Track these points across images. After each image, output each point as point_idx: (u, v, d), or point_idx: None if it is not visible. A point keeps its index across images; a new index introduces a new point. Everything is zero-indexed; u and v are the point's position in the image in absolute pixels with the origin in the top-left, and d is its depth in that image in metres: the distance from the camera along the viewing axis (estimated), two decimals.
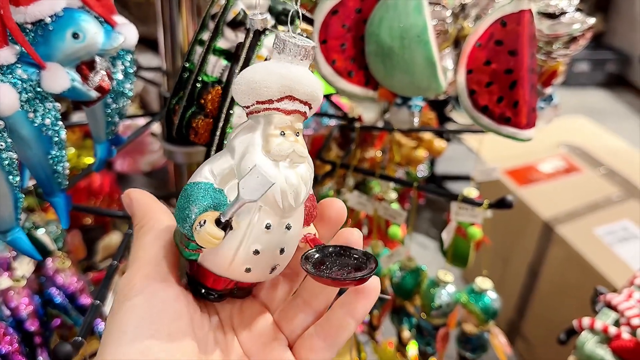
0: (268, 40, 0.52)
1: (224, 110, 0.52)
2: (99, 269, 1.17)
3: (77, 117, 1.10)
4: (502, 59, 0.59)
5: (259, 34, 0.51)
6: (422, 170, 1.21)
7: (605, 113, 3.62)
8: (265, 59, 0.52)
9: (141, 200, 0.42)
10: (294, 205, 0.35)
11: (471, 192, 0.95)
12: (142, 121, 1.05)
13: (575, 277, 1.73)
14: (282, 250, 0.37)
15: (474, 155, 2.37)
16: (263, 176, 0.33)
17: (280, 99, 0.35)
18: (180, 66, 0.90)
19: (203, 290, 0.38)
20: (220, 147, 0.52)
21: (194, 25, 0.89)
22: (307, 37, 0.60)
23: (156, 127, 1.21)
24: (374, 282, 0.37)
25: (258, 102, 0.35)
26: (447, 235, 0.77)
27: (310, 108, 0.37)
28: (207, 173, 0.35)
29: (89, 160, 1.05)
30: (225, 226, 0.33)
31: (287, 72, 0.35)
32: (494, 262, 2.05)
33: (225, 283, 0.37)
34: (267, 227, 0.35)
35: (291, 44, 0.36)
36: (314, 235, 0.39)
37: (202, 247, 0.34)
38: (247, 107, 0.36)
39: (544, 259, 1.87)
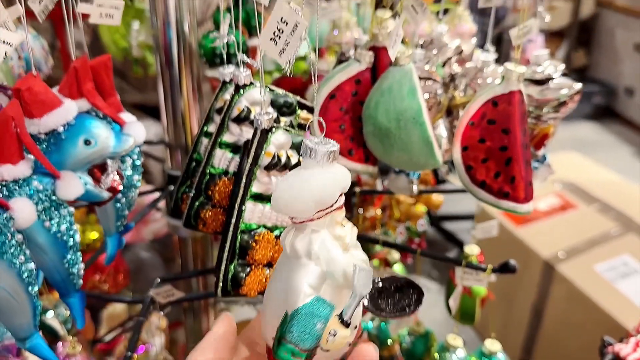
0: (275, 137, 0.54)
1: (236, 206, 0.54)
2: (104, 341, 1.16)
3: None
4: (495, 137, 0.62)
5: (266, 132, 0.53)
6: (422, 225, 1.22)
7: (595, 144, 3.67)
8: (274, 155, 0.54)
9: None
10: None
11: (473, 249, 0.96)
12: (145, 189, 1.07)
13: (580, 315, 1.73)
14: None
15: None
16: (367, 270, 0.38)
17: (337, 199, 0.39)
18: (183, 140, 0.93)
19: None
20: (234, 243, 0.54)
21: (195, 99, 0.92)
22: (306, 126, 0.62)
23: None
24: None
25: (321, 210, 0.38)
26: (454, 302, 0.78)
27: None
28: (308, 289, 0.38)
29: (93, 235, 1.06)
30: (348, 325, 0.38)
31: (342, 176, 0.39)
32: (498, 303, 2.05)
33: None
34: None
35: (319, 150, 0.38)
36: None
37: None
38: (311, 219, 0.39)
39: (547, 298, 1.87)
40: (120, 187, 0.57)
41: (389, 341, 0.90)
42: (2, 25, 0.50)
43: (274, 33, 0.43)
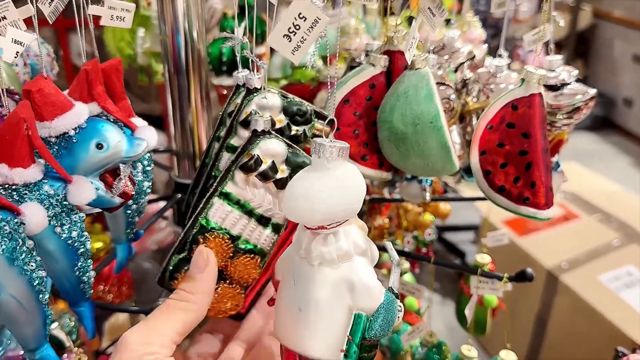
0: (265, 143, 0.52)
1: (204, 200, 0.53)
2: (108, 353, 1.14)
3: None
4: (515, 141, 0.61)
5: (257, 135, 0.52)
6: (429, 234, 1.21)
7: (593, 155, 3.68)
8: (253, 157, 0.52)
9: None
10: None
11: (484, 258, 0.94)
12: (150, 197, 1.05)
13: (584, 325, 1.72)
14: None
15: (471, 204, 2.39)
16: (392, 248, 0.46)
17: None
18: (191, 149, 0.92)
19: None
20: (187, 235, 0.53)
21: (203, 107, 0.91)
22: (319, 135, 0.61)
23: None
24: None
25: None
26: (469, 312, 0.76)
27: None
28: (378, 282, 0.42)
29: (97, 245, 1.04)
30: (398, 296, 0.43)
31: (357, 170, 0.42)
32: (501, 314, 2.04)
33: None
34: None
35: (329, 147, 0.40)
36: None
37: None
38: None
39: (551, 309, 1.86)
40: (133, 193, 0.55)
41: (402, 352, 0.88)
42: (13, 24, 0.49)
43: (289, 29, 0.41)
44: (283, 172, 0.53)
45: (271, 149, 0.52)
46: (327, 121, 0.42)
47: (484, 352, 1.99)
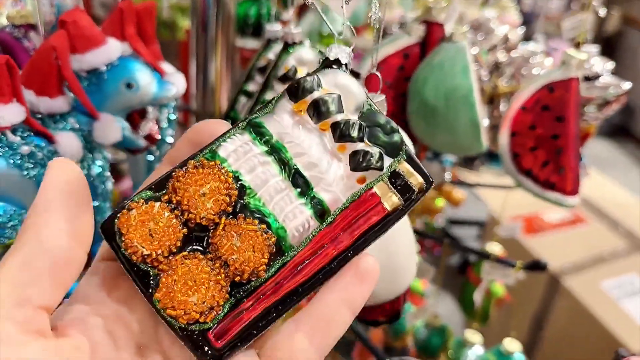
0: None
1: None
2: None
3: None
4: (548, 124, 0.59)
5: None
6: (440, 220, 1.20)
7: (609, 163, 3.65)
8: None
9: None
10: None
11: (494, 248, 0.94)
12: None
13: (581, 330, 1.72)
14: None
15: (478, 200, 2.37)
16: None
17: None
18: (211, 109, 0.91)
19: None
20: None
21: (227, 67, 0.89)
22: None
23: None
24: (373, 265, 0.28)
25: None
26: (479, 296, 0.76)
27: None
28: None
29: None
30: None
31: None
32: (498, 311, 2.03)
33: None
34: None
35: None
36: None
37: None
38: None
39: (550, 311, 1.86)
40: (158, 137, 0.54)
41: (403, 332, 0.88)
42: None
43: None
44: None
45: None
46: (366, 76, 0.42)
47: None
